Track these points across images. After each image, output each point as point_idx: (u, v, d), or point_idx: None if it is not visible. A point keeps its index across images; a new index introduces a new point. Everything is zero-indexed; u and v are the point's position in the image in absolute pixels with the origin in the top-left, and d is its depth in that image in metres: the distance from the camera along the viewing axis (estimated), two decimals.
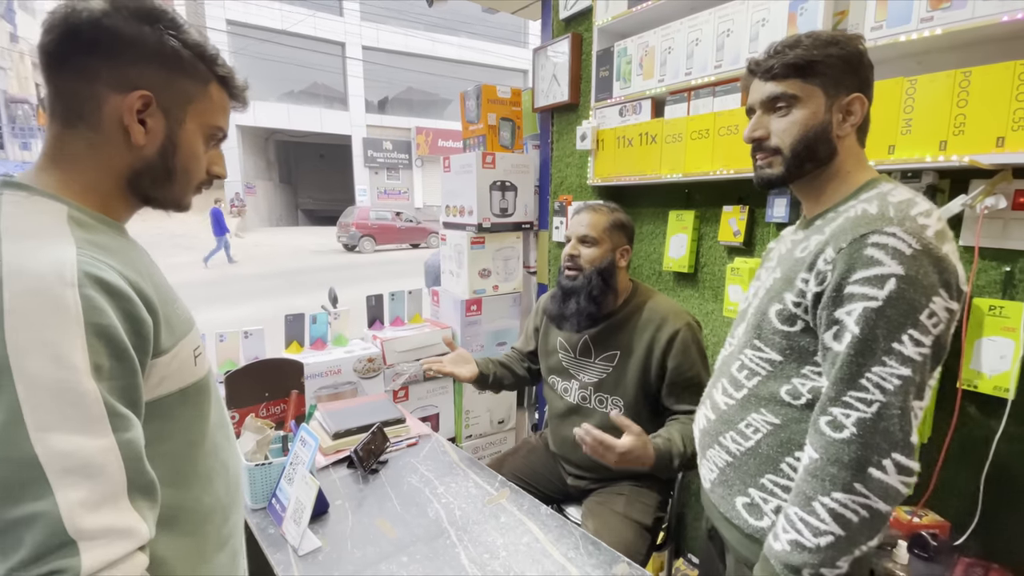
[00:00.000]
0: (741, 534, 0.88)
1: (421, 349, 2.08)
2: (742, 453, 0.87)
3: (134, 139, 0.60)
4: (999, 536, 1.14)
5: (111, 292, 0.52)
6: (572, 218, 1.38)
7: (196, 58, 0.63)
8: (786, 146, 0.83)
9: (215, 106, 0.67)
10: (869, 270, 0.70)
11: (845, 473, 0.70)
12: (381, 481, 1.34)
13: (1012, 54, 1.00)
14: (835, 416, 0.72)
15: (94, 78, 0.58)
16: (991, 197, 1.09)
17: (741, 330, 0.94)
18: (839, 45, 0.80)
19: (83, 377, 0.48)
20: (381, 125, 17.63)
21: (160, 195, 0.66)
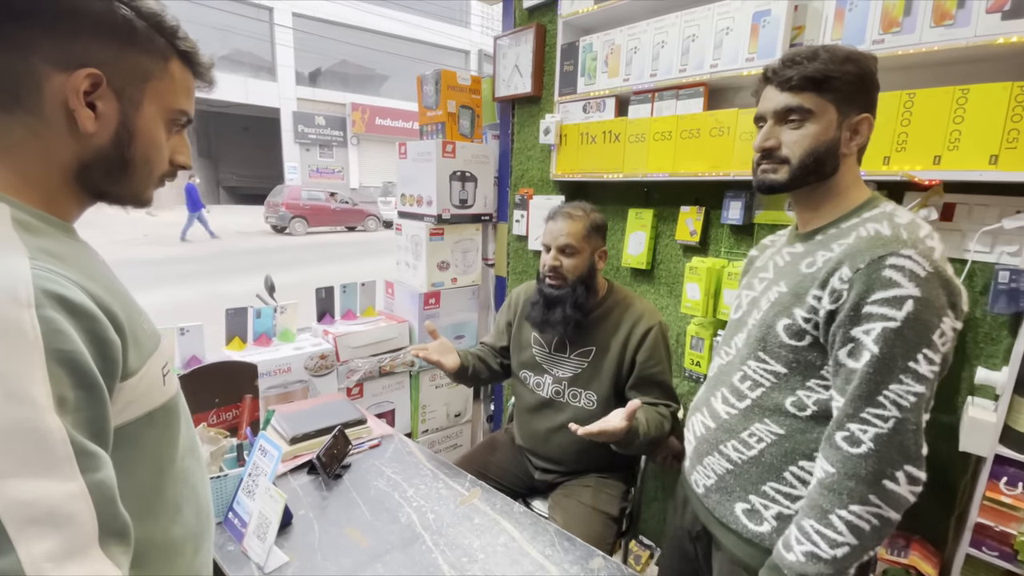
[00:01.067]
0: (739, 539, 0.91)
1: (377, 344, 2.01)
2: (744, 461, 0.90)
3: (81, 126, 0.51)
4: (919, 510, 1.29)
5: (74, 312, 0.45)
6: (549, 225, 1.37)
7: (152, 30, 0.55)
8: (796, 157, 0.85)
9: (177, 86, 0.59)
10: (888, 291, 0.73)
11: (862, 487, 0.73)
12: (346, 487, 1.29)
13: (952, 80, 1.10)
14: (852, 432, 0.75)
15: (30, 52, 0.49)
16: (924, 209, 1.21)
17: (741, 340, 0.96)
18: (856, 63, 0.82)
19: (45, 414, 0.41)
20: (313, 99, 16.60)
21: (116, 190, 0.58)
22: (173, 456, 0.61)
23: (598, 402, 1.37)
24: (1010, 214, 1.13)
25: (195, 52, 0.59)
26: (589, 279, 1.33)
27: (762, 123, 0.90)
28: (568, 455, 1.42)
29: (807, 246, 0.90)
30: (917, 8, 1.10)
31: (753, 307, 0.96)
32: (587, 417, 1.37)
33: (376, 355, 2.01)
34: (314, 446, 1.37)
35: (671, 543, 1.19)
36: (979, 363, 1.19)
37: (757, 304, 0.95)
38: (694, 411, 1.07)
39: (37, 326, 0.42)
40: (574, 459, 1.41)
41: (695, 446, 1.02)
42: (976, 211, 1.17)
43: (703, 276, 1.54)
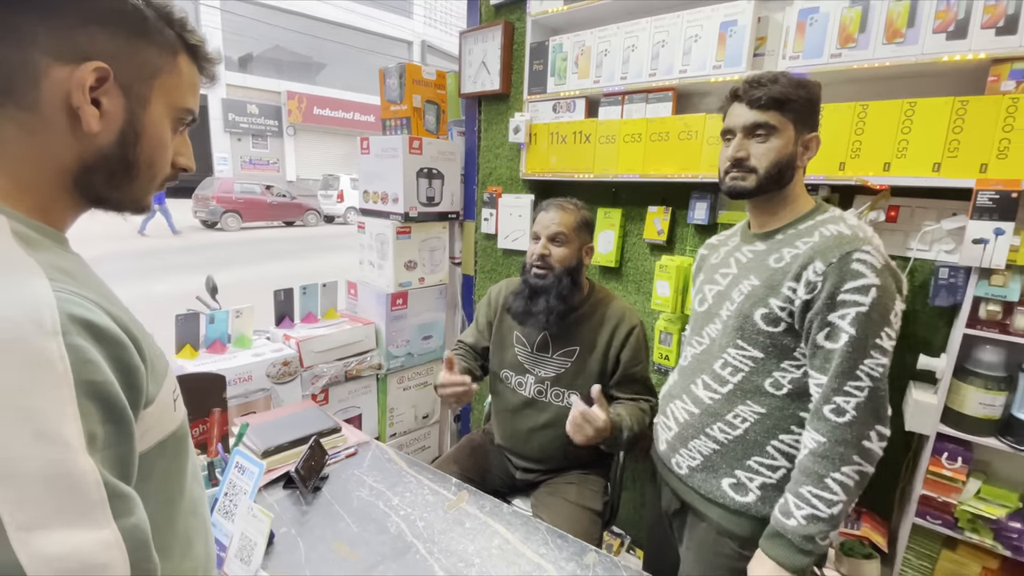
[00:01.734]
0: (726, 510, 1.00)
1: (342, 348, 1.93)
2: (730, 441, 0.99)
3: (86, 125, 0.46)
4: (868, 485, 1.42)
5: (101, 338, 0.41)
6: (541, 215, 1.36)
7: (162, 21, 0.50)
8: (762, 167, 0.95)
9: (184, 82, 0.54)
10: (856, 281, 0.85)
11: (849, 450, 0.85)
12: (326, 499, 1.24)
13: (901, 93, 1.20)
14: (838, 404, 0.86)
15: (27, 42, 0.43)
16: (873, 211, 1.32)
17: (716, 331, 1.04)
18: (807, 88, 0.94)
19: (78, 455, 0.37)
20: (244, 86, 15.61)
21: (116, 195, 0.52)
22: (183, 486, 0.56)
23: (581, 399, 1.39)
24: (947, 216, 1.25)
25: (203, 46, 0.55)
26: (575, 272, 1.34)
27: (730, 136, 1.00)
28: (550, 453, 1.43)
29: (769, 244, 1.00)
30: (871, 26, 1.20)
31: (724, 299, 1.04)
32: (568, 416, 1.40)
33: (342, 359, 1.94)
34: (288, 459, 1.31)
35: (654, 526, 1.26)
36: (920, 350, 1.31)
37: (728, 296, 1.03)
38: (670, 399, 1.14)
39: (66, 356, 0.37)
40: (556, 457, 1.42)
41: (677, 432, 1.09)
42: (917, 213, 1.29)
43: (672, 274, 1.60)
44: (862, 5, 1.20)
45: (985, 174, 1.11)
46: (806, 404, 0.95)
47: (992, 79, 1.10)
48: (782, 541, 0.90)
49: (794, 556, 0.88)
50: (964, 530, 1.23)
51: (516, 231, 1.97)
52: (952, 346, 1.21)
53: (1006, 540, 1.18)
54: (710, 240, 1.25)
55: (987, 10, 1.07)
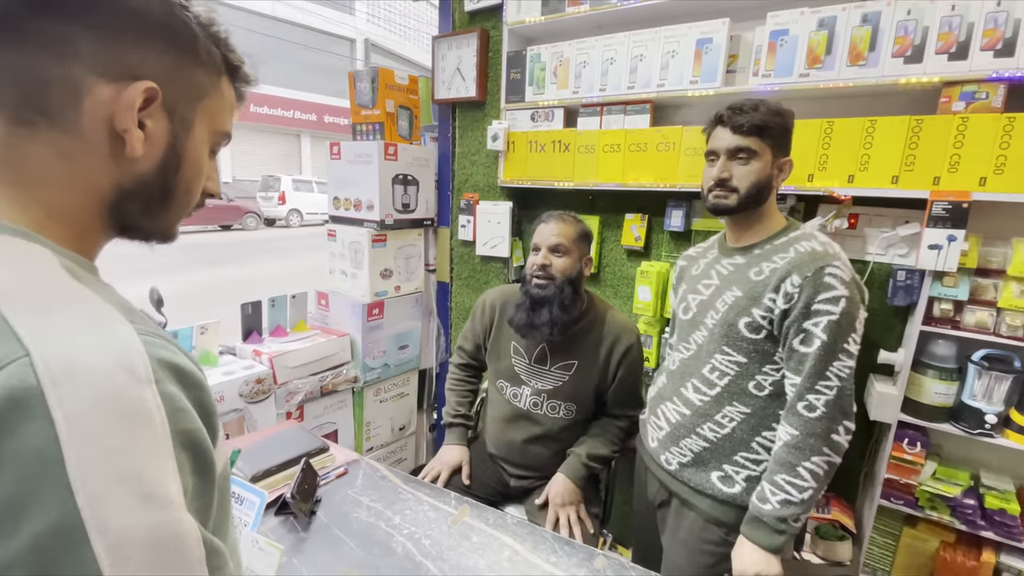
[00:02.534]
0: (714, 501, 1.09)
1: (317, 362, 1.86)
2: (719, 439, 1.07)
3: (130, 149, 0.42)
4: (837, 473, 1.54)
5: (186, 382, 0.38)
6: (541, 227, 1.36)
7: (210, 40, 0.47)
8: (743, 188, 1.04)
9: (226, 105, 0.51)
10: (828, 292, 0.95)
11: (819, 442, 0.95)
12: (323, 524, 1.18)
13: (863, 111, 1.31)
14: (810, 401, 0.96)
15: (70, 55, 0.39)
16: (837, 219, 1.43)
17: (702, 338, 1.11)
18: (783, 116, 1.03)
19: (182, 513, 0.35)
20: None
21: (148, 223, 0.48)
22: (227, 528, 0.53)
23: (577, 412, 1.41)
24: (900, 223, 1.37)
25: (244, 66, 0.51)
26: (576, 283, 1.35)
27: (713, 157, 1.08)
28: (544, 462, 1.44)
29: (748, 258, 1.09)
30: (836, 49, 1.29)
31: (708, 309, 1.12)
32: (565, 427, 1.42)
33: (316, 373, 1.86)
34: (278, 483, 1.24)
35: (641, 518, 1.33)
36: (880, 346, 1.43)
37: (712, 306, 1.11)
38: (661, 401, 1.20)
39: (162, 407, 0.35)
40: (551, 465, 1.43)
41: (668, 431, 1.16)
42: (874, 220, 1.41)
43: (653, 279, 1.66)
44: (828, 29, 1.30)
45: (938, 186, 1.23)
46: (784, 403, 1.03)
47: (944, 100, 1.22)
48: (759, 524, 0.99)
49: (770, 537, 0.98)
50: (924, 508, 1.35)
51: (495, 238, 1.96)
52: (909, 342, 1.33)
53: (961, 515, 1.31)
54: (687, 252, 1.31)
55: (941, 37, 1.19)
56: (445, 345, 2.26)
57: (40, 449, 0.29)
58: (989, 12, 1.16)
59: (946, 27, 1.19)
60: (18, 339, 0.31)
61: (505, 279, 2.02)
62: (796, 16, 1.32)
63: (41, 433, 0.29)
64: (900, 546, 1.44)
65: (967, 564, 1.33)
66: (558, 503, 1.32)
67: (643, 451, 1.28)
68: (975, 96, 1.20)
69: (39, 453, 0.29)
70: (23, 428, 0.29)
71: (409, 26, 17.11)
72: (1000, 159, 1.17)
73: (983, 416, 1.26)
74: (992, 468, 1.37)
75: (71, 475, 0.30)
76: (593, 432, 1.43)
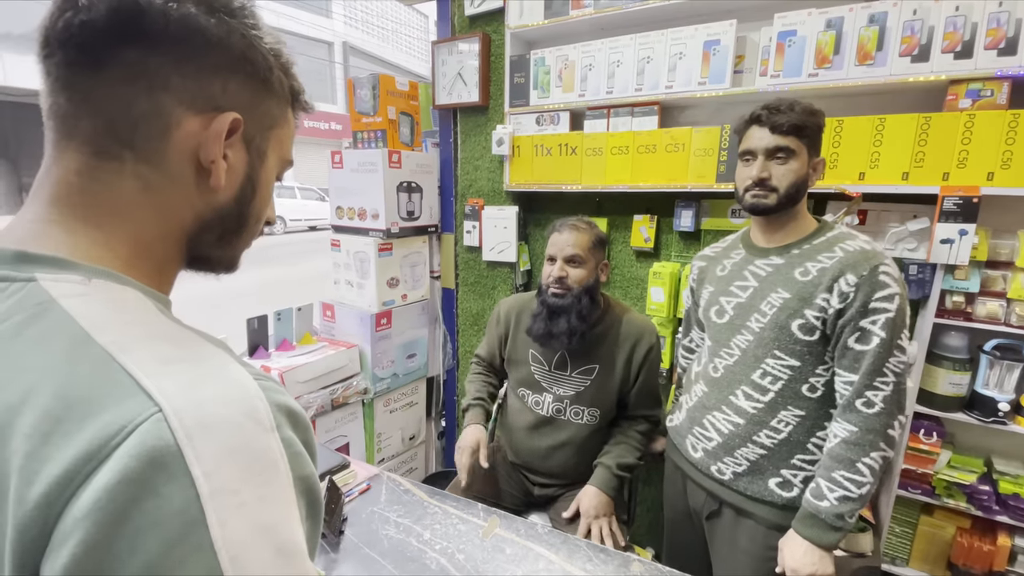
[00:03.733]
0: (773, 507, 1.08)
1: (327, 375, 1.82)
2: (776, 444, 1.06)
3: (215, 180, 0.41)
4: None
5: (297, 424, 0.37)
6: (555, 237, 1.35)
7: (281, 70, 0.46)
8: (783, 187, 1.04)
9: (291, 133, 0.50)
10: (885, 291, 0.96)
11: (877, 437, 0.96)
12: (353, 543, 1.16)
13: (873, 109, 1.33)
14: (868, 397, 0.97)
15: (159, 87, 0.38)
16: (848, 216, 1.45)
17: (746, 342, 1.10)
18: (816, 116, 1.04)
19: (308, 563, 0.34)
20: None
21: (219, 253, 0.48)
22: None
23: (601, 417, 1.41)
24: (908, 218, 1.40)
25: (303, 94, 0.50)
26: (593, 291, 1.34)
27: (749, 156, 1.07)
28: (569, 469, 1.44)
29: (787, 259, 1.08)
30: (845, 49, 1.31)
31: (750, 311, 1.10)
32: (589, 433, 1.42)
33: (327, 387, 1.83)
34: None
35: (675, 524, 1.32)
36: None
37: (755, 309, 1.10)
38: (706, 411, 1.17)
39: (284, 454, 0.34)
40: (576, 472, 1.43)
41: (720, 442, 1.14)
42: (884, 216, 1.44)
43: (667, 280, 1.66)
44: (835, 29, 1.31)
45: (947, 182, 1.25)
46: (834, 401, 1.04)
47: (951, 97, 1.24)
48: (815, 521, 0.99)
49: (825, 534, 0.98)
50: (941, 496, 1.38)
51: (502, 243, 1.95)
52: (923, 334, 1.36)
53: (977, 502, 1.35)
54: (704, 252, 1.31)
55: (946, 36, 1.21)
56: (452, 352, 2.24)
57: (183, 509, 0.28)
58: (992, 12, 1.19)
59: (951, 27, 1.22)
60: (147, 393, 0.30)
61: (512, 283, 2.01)
62: (804, 17, 1.34)
63: (183, 492, 0.28)
64: (918, 534, 1.47)
65: (983, 548, 1.37)
66: (591, 515, 1.31)
67: (680, 461, 1.25)
68: (980, 93, 1.23)
69: (182, 513, 0.28)
70: (166, 488, 0.28)
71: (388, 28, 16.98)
72: (1007, 154, 1.20)
73: (996, 404, 1.29)
74: (1005, 454, 1.41)
75: (213, 534, 0.29)
76: (616, 440, 1.42)
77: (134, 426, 0.28)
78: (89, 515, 0.26)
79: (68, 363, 0.31)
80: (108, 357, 0.31)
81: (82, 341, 0.31)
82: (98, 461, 0.27)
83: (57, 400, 0.29)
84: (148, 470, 0.28)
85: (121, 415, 0.29)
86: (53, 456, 0.28)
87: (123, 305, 0.36)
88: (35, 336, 0.32)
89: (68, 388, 0.30)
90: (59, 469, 0.27)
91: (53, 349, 0.31)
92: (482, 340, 1.60)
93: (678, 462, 1.27)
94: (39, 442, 0.28)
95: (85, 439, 0.28)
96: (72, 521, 0.27)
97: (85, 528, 0.26)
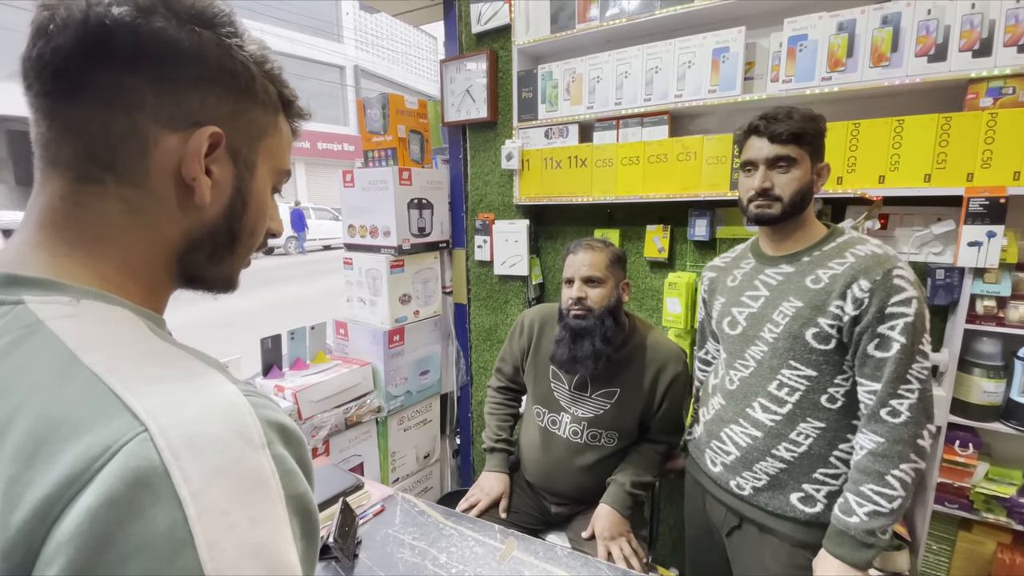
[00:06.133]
0: (796, 523, 1.04)
1: (341, 394, 1.81)
2: (796, 458, 1.02)
3: (199, 197, 0.40)
4: None
5: (290, 440, 0.36)
6: (571, 258, 1.31)
7: (266, 78, 0.45)
8: (786, 196, 1.02)
9: (285, 142, 0.49)
10: (900, 295, 0.93)
11: (906, 448, 0.92)
12: (367, 567, 1.14)
13: (890, 111, 1.30)
14: (893, 406, 0.93)
15: (135, 107, 0.37)
16: (869, 221, 1.41)
17: (761, 353, 1.06)
18: (816, 122, 1.02)
19: None
20: None
21: (213, 272, 0.46)
22: None
23: (619, 440, 1.37)
24: (932, 222, 1.36)
25: (298, 102, 0.49)
26: (616, 312, 1.30)
27: (751, 167, 1.06)
28: (586, 491, 1.39)
29: (797, 267, 1.05)
30: (858, 51, 1.29)
31: (763, 322, 1.07)
32: (608, 456, 1.38)
33: (341, 405, 1.82)
34: None
35: (697, 541, 1.28)
36: None
37: (768, 319, 1.06)
38: (723, 424, 1.13)
39: (276, 471, 0.32)
40: (593, 495, 1.38)
41: (738, 456, 1.09)
42: (906, 219, 1.40)
43: (683, 290, 1.63)
44: (848, 32, 1.29)
45: (972, 183, 1.21)
46: (858, 412, 1.00)
47: (971, 96, 1.21)
48: (845, 539, 0.94)
49: (857, 552, 0.93)
50: (980, 511, 1.31)
51: (513, 256, 1.94)
52: (953, 341, 1.31)
53: (1018, 515, 1.28)
54: (713, 263, 1.28)
55: (963, 35, 1.18)
56: (465, 368, 2.22)
57: (169, 531, 0.27)
58: (1009, 8, 1.16)
59: (968, 25, 1.19)
60: (132, 413, 0.29)
61: (524, 297, 2.00)
62: (814, 21, 1.32)
63: (170, 514, 0.27)
64: (956, 551, 1.39)
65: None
66: (607, 537, 1.26)
67: (700, 475, 1.22)
68: (1002, 91, 1.19)
69: (168, 535, 0.27)
70: (152, 510, 0.27)
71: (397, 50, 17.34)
72: None
73: None
74: None
75: (202, 556, 0.27)
76: (633, 458, 1.38)
77: (119, 446, 0.27)
78: (72, 540, 0.25)
79: (54, 384, 0.30)
80: (94, 377, 0.30)
81: (68, 362, 0.31)
82: (81, 484, 0.26)
83: (41, 421, 0.28)
84: (133, 491, 0.26)
85: (106, 435, 0.28)
86: (36, 479, 0.27)
87: (112, 325, 0.35)
88: (21, 357, 0.31)
89: (53, 409, 0.29)
90: (42, 492, 0.26)
91: (39, 370, 0.30)
92: (502, 351, 1.56)
93: (697, 477, 1.23)
94: (23, 465, 0.27)
95: (68, 461, 0.27)
96: (55, 546, 0.25)
97: (68, 554, 0.25)
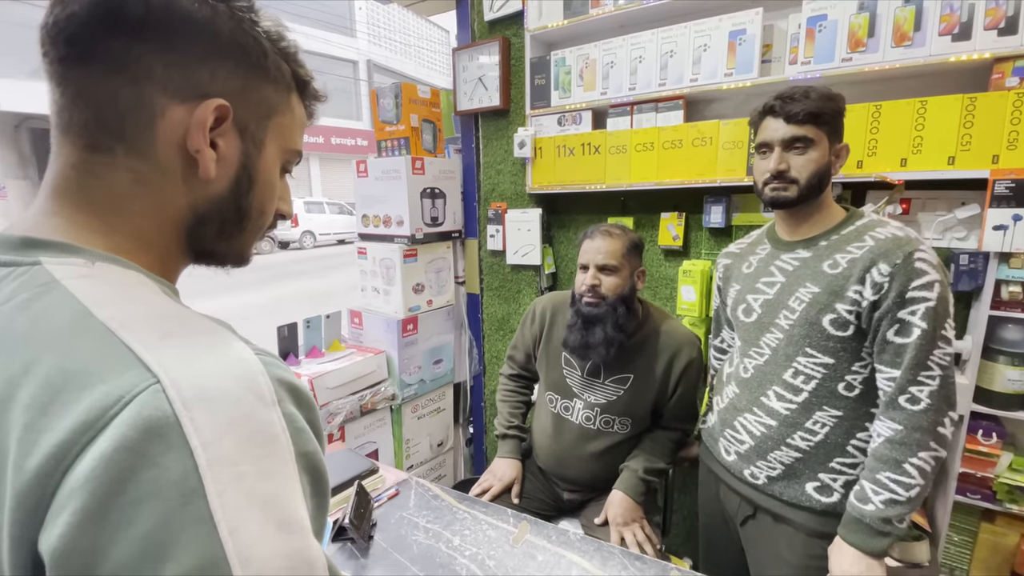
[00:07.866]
0: (812, 513, 1.02)
1: (356, 381, 1.83)
2: (812, 447, 1.00)
3: (203, 170, 0.41)
4: None
5: (301, 401, 0.36)
6: (587, 244, 1.31)
7: (279, 55, 0.45)
8: (803, 178, 0.99)
9: (296, 122, 0.49)
10: (922, 279, 0.89)
11: (925, 436, 0.89)
12: (382, 548, 1.15)
13: (912, 92, 1.27)
14: (913, 393, 0.90)
15: (143, 77, 0.37)
16: (890, 205, 1.38)
17: (776, 340, 1.04)
18: (835, 101, 0.98)
19: (311, 538, 0.33)
20: None
21: (223, 247, 0.47)
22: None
23: (632, 427, 1.36)
24: (956, 206, 1.32)
25: (313, 82, 0.50)
26: (629, 299, 1.29)
27: (766, 149, 1.03)
28: (599, 477, 1.39)
29: (814, 251, 1.03)
30: (880, 30, 1.26)
31: (778, 308, 1.05)
32: (620, 442, 1.38)
33: (356, 392, 1.84)
34: (332, 508, 1.21)
35: (711, 530, 1.27)
36: None
37: (784, 305, 1.04)
38: (737, 413, 1.12)
39: (286, 428, 0.33)
40: (605, 481, 1.38)
41: (753, 445, 1.08)
42: (928, 204, 1.36)
43: (697, 278, 1.62)
44: (869, 11, 1.26)
45: (998, 164, 1.18)
46: (876, 400, 0.98)
47: (996, 76, 1.17)
48: (860, 526, 0.93)
49: (872, 540, 0.92)
50: (1003, 501, 1.29)
51: (526, 246, 1.94)
52: (977, 328, 1.28)
53: None
54: (728, 249, 1.26)
55: (988, 12, 1.15)
56: (478, 357, 2.23)
57: (181, 479, 0.28)
58: None
59: (993, 2, 1.15)
60: (145, 365, 0.30)
61: (537, 286, 1.99)
62: (835, 1, 1.29)
63: (181, 462, 0.28)
64: (978, 542, 1.37)
65: None
66: (619, 523, 1.27)
67: (714, 464, 1.21)
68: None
69: (180, 483, 0.27)
70: (163, 458, 0.27)
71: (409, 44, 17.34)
72: None
73: None
74: None
75: (212, 504, 0.28)
76: (646, 445, 1.38)
77: (131, 396, 0.28)
78: (85, 484, 0.26)
79: (69, 338, 0.31)
80: (108, 331, 0.31)
81: (82, 316, 0.32)
82: (95, 431, 0.27)
83: (56, 372, 0.29)
84: (145, 440, 0.27)
85: (119, 386, 0.29)
86: (51, 426, 0.28)
87: (126, 287, 0.36)
88: (37, 313, 0.32)
89: (67, 361, 0.30)
90: (57, 439, 0.27)
91: (54, 325, 0.31)
92: (514, 338, 1.56)
93: (711, 466, 1.22)
94: (38, 413, 0.28)
95: (83, 409, 0.28)
96: (68, 491, 0.26)
97: (81, 498, 0.26)
